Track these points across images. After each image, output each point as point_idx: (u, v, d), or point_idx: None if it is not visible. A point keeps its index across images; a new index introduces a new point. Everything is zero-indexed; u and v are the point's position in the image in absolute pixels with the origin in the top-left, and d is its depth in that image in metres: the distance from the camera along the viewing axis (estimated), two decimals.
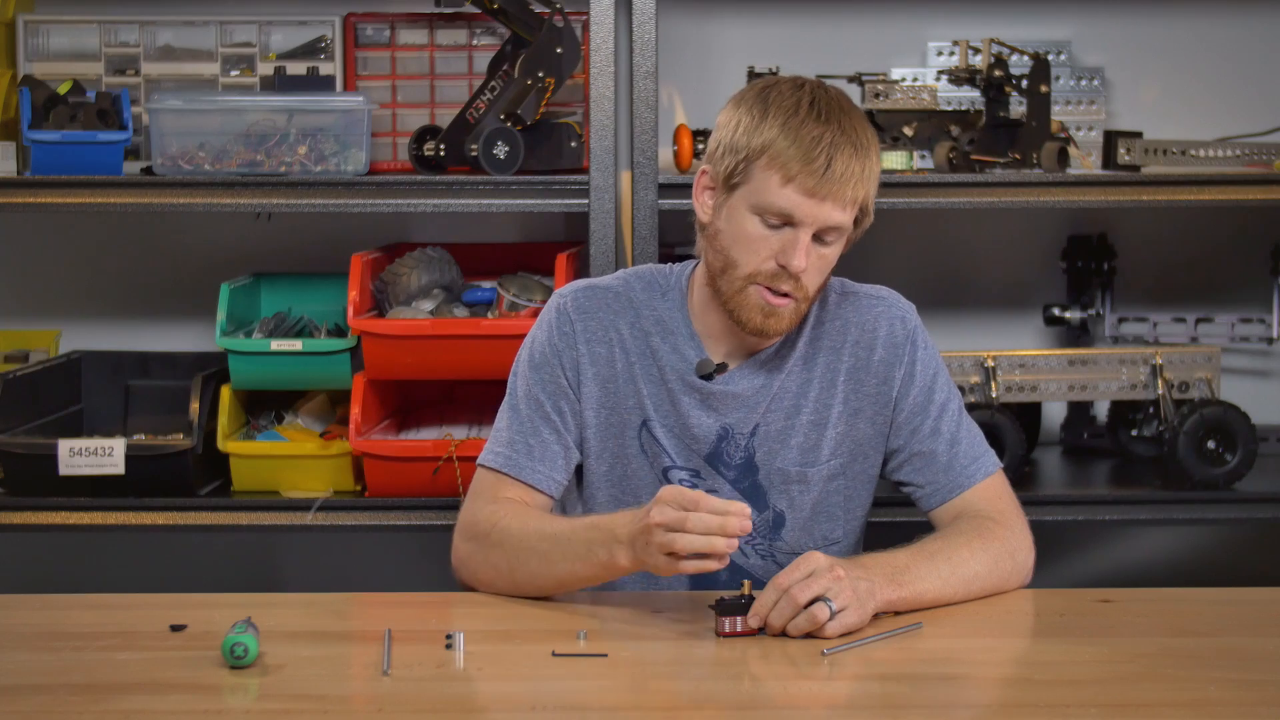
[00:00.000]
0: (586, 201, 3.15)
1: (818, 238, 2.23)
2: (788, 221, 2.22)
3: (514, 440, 2.35)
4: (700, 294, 2.35)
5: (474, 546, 2.27)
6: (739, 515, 2.01)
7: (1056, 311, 3.55)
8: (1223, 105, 3.58)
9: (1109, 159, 3.27)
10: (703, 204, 2.31)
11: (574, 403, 2.36)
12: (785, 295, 2.25)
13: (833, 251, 2.26)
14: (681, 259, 2.46)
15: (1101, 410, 3.56)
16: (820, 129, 2.21)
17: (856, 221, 2.27)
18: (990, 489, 2.36)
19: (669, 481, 2.35)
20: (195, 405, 3.15)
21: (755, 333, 2.28)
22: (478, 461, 2.37)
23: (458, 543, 2.31)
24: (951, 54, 3.54)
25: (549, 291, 3.20)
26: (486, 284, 3.32)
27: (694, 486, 2.33)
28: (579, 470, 2.40)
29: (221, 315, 3.21)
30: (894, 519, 2.84)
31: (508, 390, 2.40)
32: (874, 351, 2.36)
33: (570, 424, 2.36)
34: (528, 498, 2.33)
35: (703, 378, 2.34)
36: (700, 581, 2.35)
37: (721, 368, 2.34)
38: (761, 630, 2.06)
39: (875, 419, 2.37)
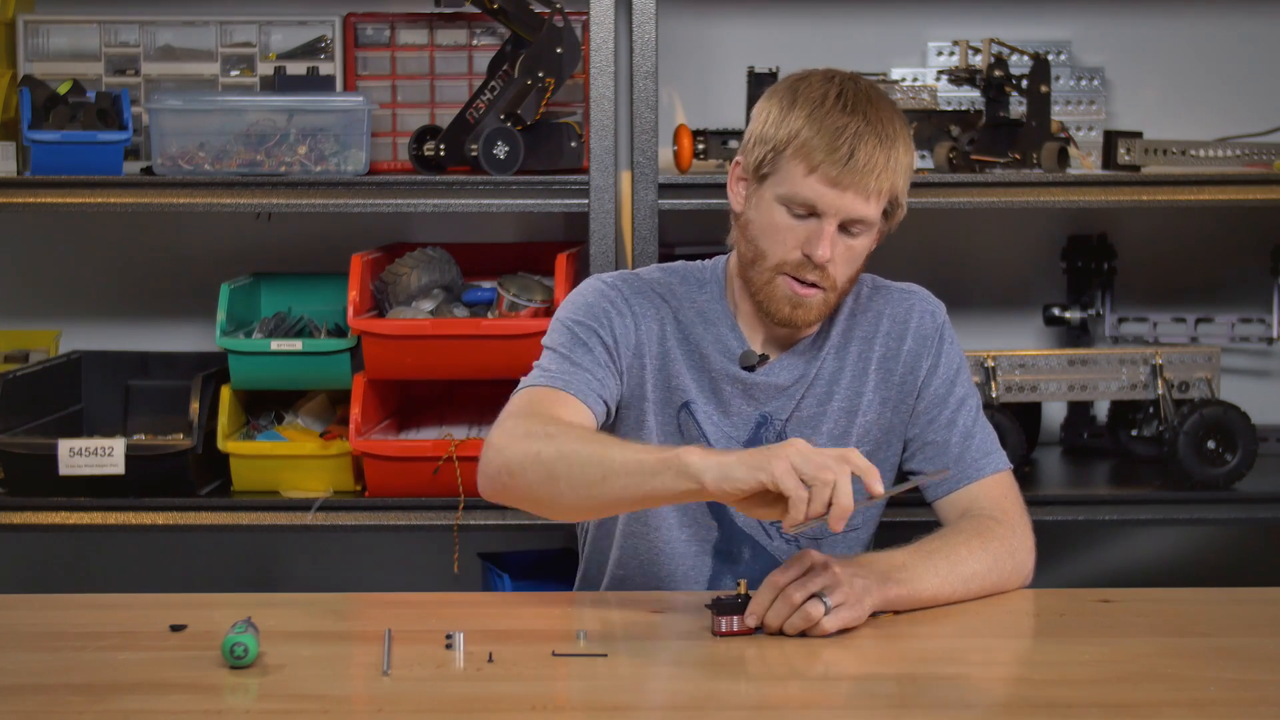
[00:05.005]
0: (586, 201, 3.15)
1: (844, 229, 2.25)
2: (812, 212, 2.24)
3: (561, 364, 2.26)
4: (736, 285, 2.37)
5: (521, 441, 2.09)
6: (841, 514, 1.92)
7: (1056, 311, 3.55)
8: (1223, 105, 3.58)
9: (1109, 159, 3.27)
10: (735, 194, 2.34)
11: (615, 350, 2.31)
12: (812, 285, 2.27)
13: (861, 243, 2.28)
14: (681, 259, 2.47)
15: (1101, 410, 3.56)
16: (845, 119, 2.22)
17: (887, 214, 2.29)
18: (997, 486, 2.37)
19: None
20: (195, 405, 3.15)
21: (783, 323, 2.30)
22: (518, 387, 2.25)
23: (497, 446, 2.12)
24: (951, 54, 3.54)
25: (549, 291, 3.20)
26: (486, 284, 3.32)
27: None
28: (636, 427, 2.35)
29: (221, 315, 3.21)
30: (896, 518, 2.84)
31: (544, 345, 2.31)
32: (904, 341, 2.39)
33: (619, 357, 2.30)
34: (575, 411, 2.21)
35: (745, 369, 2.36)
36: (722, 558, 2.37)
37: (764, 359, 2.36)
38: (758, 629, 2.06)
39: (899, 407, 2.40)
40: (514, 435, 2.12)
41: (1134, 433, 3.45)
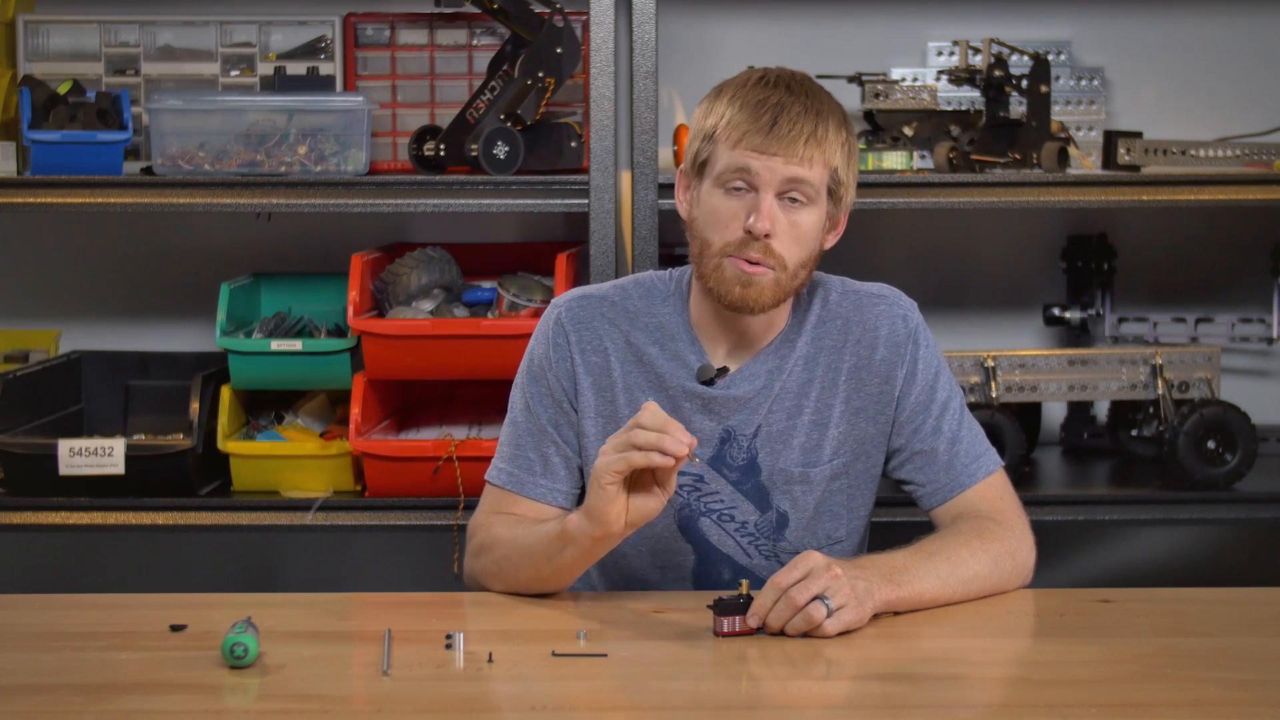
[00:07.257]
0: (586, 201, 3.15)
1: (785, 200, 2.23)
2: (749, 184, 2.22)
3: (515, 456, 2.37)
4: (696, 295, 2.35)
5: (472, 559, 2.34)
6: (677, 434, 2.05)
7: (1056, 311, 3.55)
8: (1223, 105, 3.58)
9: (1109, 159, 3.27)
10: (682, 202, 2.33)
11: (570, 414, 2.36)
12: (760, 264, 2.24)
13: (806, 219, 2.24)
14: (681, 259, 2.46)
15: (1101, 410, 3.56)
16: (766, 93, 2.24)
17: (832, 193, 2.26)
18: (991, 488, 2.35)
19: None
20: (195, 405, 3.15)
21: (735, 306, 2.26)
22: (485, 476, 2.40)
23: (466, 555, 2.36)
24: (951, 54, 3.54)
25: (549, 291, 3.20)
26: (486, 284, 3.32)
27: (695, 490, 2.34)
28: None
29: (221, 315, 3.21)
30: (894, 519, 2.84)
31: (510, 402, 2.41)
32: (876, 351, 2.36)
33: (569, 436, 2.36)
34: (536, 512, 2.34)
35: (704, 383, 2.33)
36: (702, 581, 2.36)
37: (722, 372, 2.33)
38: (760, 630, 2.06)
39: (877, 418, 2.36)
40: (469, 553, 2.36)
41: (1134, 433, 3.45)
